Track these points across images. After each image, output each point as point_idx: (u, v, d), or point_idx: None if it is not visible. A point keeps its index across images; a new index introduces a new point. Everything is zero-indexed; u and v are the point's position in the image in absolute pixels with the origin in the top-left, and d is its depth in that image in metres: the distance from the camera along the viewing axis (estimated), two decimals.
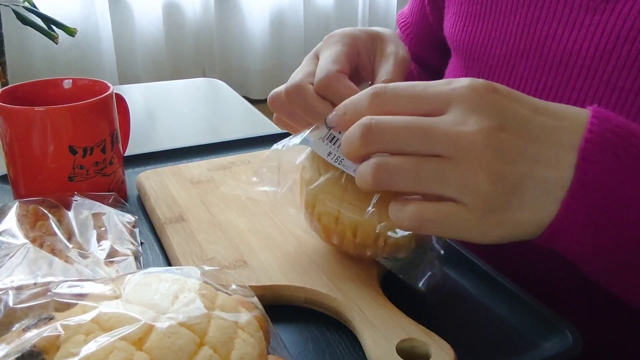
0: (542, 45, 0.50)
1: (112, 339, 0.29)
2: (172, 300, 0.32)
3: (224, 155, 0.67)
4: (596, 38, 0.46)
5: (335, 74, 0.45)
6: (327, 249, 0.47)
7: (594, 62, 0.46)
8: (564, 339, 0.40)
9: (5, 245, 0.43)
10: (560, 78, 0.48)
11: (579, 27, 0.47)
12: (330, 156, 0.41)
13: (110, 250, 0.45)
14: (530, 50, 0.51)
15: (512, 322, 0.42)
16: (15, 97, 0.54)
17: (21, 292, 0.33)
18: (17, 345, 0.29)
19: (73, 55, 2.70)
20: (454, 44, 0.60)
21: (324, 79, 0.45)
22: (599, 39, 0.46)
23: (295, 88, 0.46)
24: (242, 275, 0.44)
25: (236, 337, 0.31)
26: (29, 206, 0.48)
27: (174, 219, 0.52)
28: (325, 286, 0.43)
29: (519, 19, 0.51)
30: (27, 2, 1.66)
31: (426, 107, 0.35)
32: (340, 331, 0.41)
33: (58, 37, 1.59)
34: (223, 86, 1.18)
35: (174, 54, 2.99)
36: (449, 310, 0.44)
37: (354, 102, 0.38)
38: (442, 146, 0.34)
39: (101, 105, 0.54)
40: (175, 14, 2.94)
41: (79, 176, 0.53)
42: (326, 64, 0.46)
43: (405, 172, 0.34)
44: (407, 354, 0.37)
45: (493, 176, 0.33)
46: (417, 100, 0.36)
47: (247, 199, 0.55)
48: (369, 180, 0.35)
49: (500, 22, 0.53)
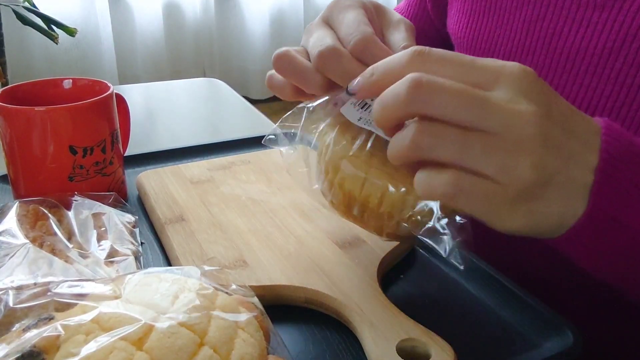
0: (548, 43, 0.49)
1: (112, 339, 0.29)
2: (172, 300, 0.32)
3: (224, 155, 0.67)
4: (604, 35, 0.45)
5: (372, 36, 0.41)
6: (327, 249, 0.47)
7: (601, 60, 0.46)
8: (565, 338, 0.40)
9: (5, 245, 0.43)
10: (567, 76, 0.48)
11: (586, 24, 0.46)
12: (361, 121, 0.38)
13: (110, 250, 0.45)
14: (535, 48, 0.50)
15: (512, 322, 0.42)
16: (15, 97, 0.54)
17: (21, 292, 0.33)
18: (17, 345, 0.29)
19: (73, 55, 2.70)
20: (457, 40, 0.59)
21: (360, 41, 0.40)
22: (606, 37, 0.45)
23: (331, 51, 0.40)
24: (242, 275, 0.44)
25: (236, 337, 0.31)
26: (29, 206, 0.48)
27: (174, 219, 0.52)
28: (325, 286, 0.43)
29: (525, 16, 0.51)
30: (27, 2, 1.66)
31: (474, 78, 0.33)
32: (340, 331, 0.41)
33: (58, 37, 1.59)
34: (223, 86, 1.18)
35: (174, 54, 2.99)
36: (449, 310, 0.44)
37: (386, 63, 0.35)
38: (494, 121, 0.31)
39: (101, 105, 0.54)
40: (175, 14, 2.95)
41: (79, 176, 0.53)
42: (357, 25, 0.41)
43: (451, 140, 0.32)
44: (407, 354, 0.37)
45: (536, 162, 0.32)
46: (466, 68, 0.33)
47: (247, 199, 0.55)
48: (406, 143, 0.33)
49: (506, 19, 0.53)
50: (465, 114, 0.32)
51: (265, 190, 0.57)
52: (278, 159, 0.64)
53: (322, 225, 0.51)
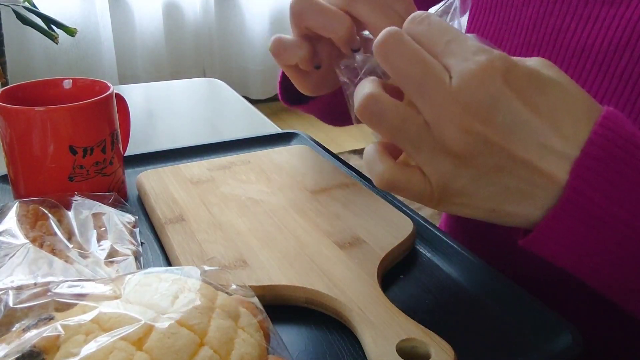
0: (555, 39, 0.49)
1: (112, 339, 0.29)
2: (172, 300, 0.32)
3: (224, 155, 0.67)
4: (611, 32, 0.45)
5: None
6: (327, 249, 0.47)
7: (608, 56, 0.45)
8: (564, 339, 0.40)
9: (5, 245, 0.43)
10: (572, 72, 0.48)
11: (593, 21, 0.46)
12: None
13: (110, 250, 0.45)
14: (542, 44, 0.50)
15: (512, 322, 0.42)
16: (15, 97, 0.54)
17: (21, 292, 0.33)
18: (17, 345, 0.29)
19: (73, 55, 2.71)
20: None
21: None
22: (613, 33, 0.45)
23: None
24: (242, 275, 0.44)
25: (236, 337, 0.31)
26: (29, 206, 0.48)
27: (174, 219, 0.52)
28: (325, 286, 0.43)
29: (531, 12, 0.51)
30: (27, 2, 1.66)
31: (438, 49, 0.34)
32: (340, 331, 0.41)
33: (58, 37, 1.59)
34: (223, 86, 1.18)
35: (174, 54, 3.00)
36: (449, 310, 0.44)
37: None
38: (428, 107, 0.33)
39: (101, 105, 0.54)
40: (175, 14, 2.95)
41: (79, 176, 0.53)
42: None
43: (390, 119, 0.34)
44: (407, 354, 0.37)
45: (460, 165, 0.34)
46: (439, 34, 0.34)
47: (247, 199, 0.55)
48: (357, 108, 0.35)
49: (512, 15, 0.53)
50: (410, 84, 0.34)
51: (265, 190, 0.57)
52: (278, 159, 0.64)
53: (322, 226, 0.51)
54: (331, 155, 0.68)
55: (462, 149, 0.33)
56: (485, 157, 0.33)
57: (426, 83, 0.33)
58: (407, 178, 0.35)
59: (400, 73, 0.34)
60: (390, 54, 0.34)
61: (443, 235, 0.51)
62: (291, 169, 0.62)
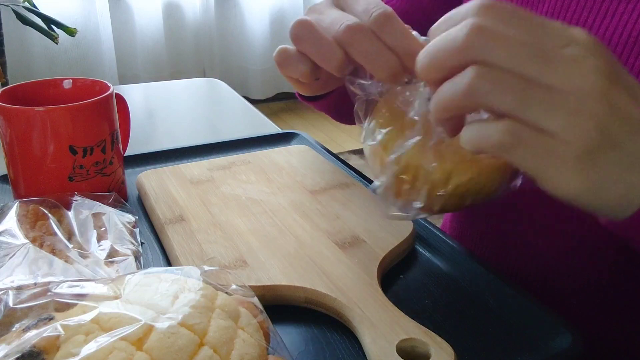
0: None
1: (112, 339, 0.29)
2: (172, 301, 0.32)
3: (224, 155, 0.67)
4: (629, 26, 0.45)
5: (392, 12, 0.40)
6: (327, 249, 0.47)
7: (625, 51, 0.45)
8: (564, 339, 0.40)
9: (5, 245, 0.43)
10: None
11: (611, 16, 0.46)
12: None
13: (110, 250, 0.45)
14: None
15: (513, 322, 0.42)
16: (15, 97, 0.54)
17: (21, 292, 0.33)
18: (17, 345, 0.29)
19: (73, 55, 2.71)
20: None
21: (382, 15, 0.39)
22: (631, 28, 0.45)
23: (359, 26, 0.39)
24: (242, 275, 0.44)
25: (236, 337, 0.32)
26: (29, 206, 0.48)
27: (174, 219, 0.52)
28: (325, 286, 0.43)
29: (547, 7, 0.50)
30: (27, 2, 1.66)
31: (542, 37, 0.31)
32: (340, 331, 0.41)
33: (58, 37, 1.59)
34: (223, 86, 1.18)
35: (174, 54, 3.00)
36: (449, 310, 0.44)
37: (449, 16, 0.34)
38: (560, 75, 0.30)
39: (101, 105, 0.54)
40: (175, 14, 2.95)
41: (79, 176, 0.53)
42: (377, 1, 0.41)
43: (512, 88, 0.30)
44: (407, 354, 0.37)
45: (600, 125, 0.30)
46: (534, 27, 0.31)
47: (247, 199, 0.55)
48: (460, 87, 0.30)
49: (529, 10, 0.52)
50: (531, 65, 0.30)
51: (265, 190, 0.57)
52: (278, 159, 0.64)
53: (322, 225, 0.51)
54: (331, 155, 0.68)
55: None
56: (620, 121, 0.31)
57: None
58: (536, 132, 0.31)
59: None
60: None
61: (443, 235, 0.51)
62: (291, 169, 0.62)
